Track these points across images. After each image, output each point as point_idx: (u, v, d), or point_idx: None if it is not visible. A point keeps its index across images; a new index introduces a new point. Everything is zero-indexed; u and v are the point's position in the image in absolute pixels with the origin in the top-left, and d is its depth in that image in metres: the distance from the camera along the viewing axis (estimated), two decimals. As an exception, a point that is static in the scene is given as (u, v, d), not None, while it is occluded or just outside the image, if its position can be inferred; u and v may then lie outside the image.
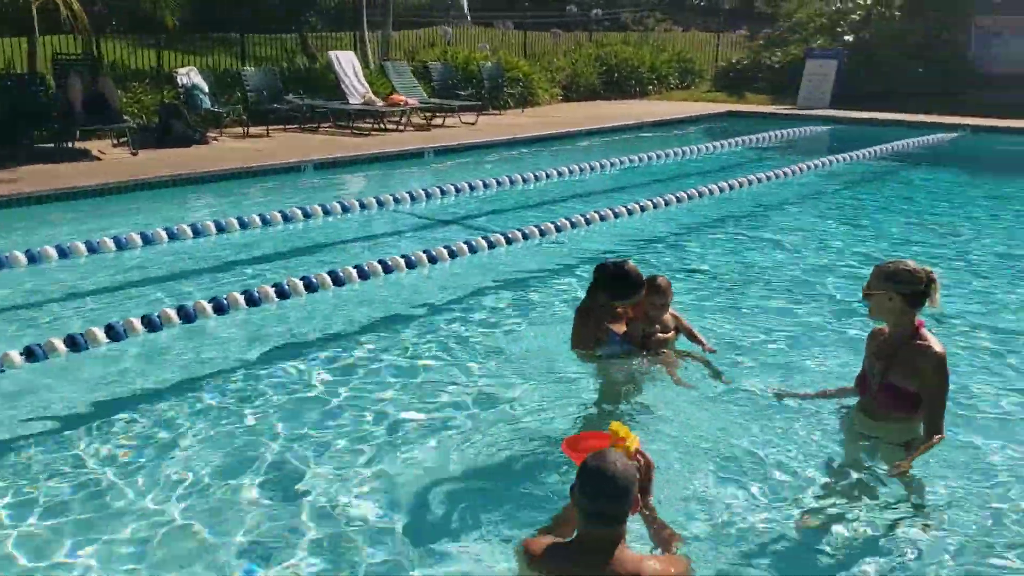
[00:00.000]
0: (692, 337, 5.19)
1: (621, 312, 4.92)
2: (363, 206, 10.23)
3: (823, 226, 10.03)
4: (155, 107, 14.09)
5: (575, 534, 2.71)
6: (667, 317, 5.03)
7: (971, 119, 18.33)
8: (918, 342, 3.86)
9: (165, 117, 13.27)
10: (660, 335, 4.96)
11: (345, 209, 10.08)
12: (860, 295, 4.05)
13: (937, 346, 3.85)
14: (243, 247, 8.69)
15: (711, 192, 11.10)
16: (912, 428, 3.92)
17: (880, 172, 13.79)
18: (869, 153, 14.48)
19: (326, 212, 9.89)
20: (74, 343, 5.62)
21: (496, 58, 20.83)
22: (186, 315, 6.24)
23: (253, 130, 14.89)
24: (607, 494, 2.57)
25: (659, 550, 3.00)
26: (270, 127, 15.12)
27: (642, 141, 16.50)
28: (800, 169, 12.88)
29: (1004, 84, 20.78)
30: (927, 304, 3.86)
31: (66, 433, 4.54)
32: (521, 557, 2.77)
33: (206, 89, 14.47)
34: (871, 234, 9.61)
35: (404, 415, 4.84)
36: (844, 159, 13.96)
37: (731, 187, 11.40)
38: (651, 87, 24.73)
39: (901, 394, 3.89)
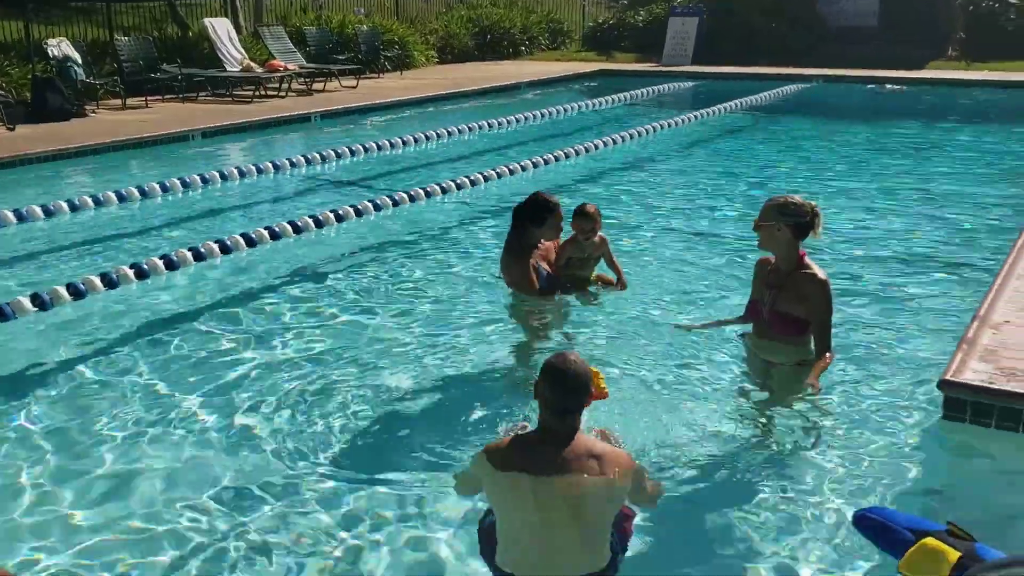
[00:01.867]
0: (611, 263, 5.69)
1: (542, 251, 5.39)
2: (260, 171, 10.36)
3: (702, 172, 10.80)
4: (24, 81, 13.61)
5: (537, 426, 3.01)
6: (597, 241, 5.51)
7: (821, 70, 19.66)
8: (804, 271, 4.24)
9: (40, 90, 12.87)
10: (580, 272, 5.50)
11: (243, 174, 10.20)
12: (744, 231, 4.46)
13: (821, 273, 4.24)
14: (143, 216, 8.74)
15: (596, 147, 11.68)
16: (801, 348, 4.39)
17: (747, 121, 14.74)
18: (736, 105, 15.44)
19: (223, 178, 10.00)
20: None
21: (371, 22, 20.85)
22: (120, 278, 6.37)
23: (131, 101, 14.60)
24: (568, 387, 2.90)
25: None
26: (148, 98, 14.86)
27: (523, 101, 17.00)
28: (678, 122, 13.69)
29: (849, 37, 22.30)
30: (811, 235, 4.29)
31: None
32: (482, 459, 2.98)
33: (79, 60, 14.06)
34: (745, 176, 10.44)
35: (335, 370, 5.06)
36: (714, 112, 14.85)
37: (612, 142, 12.03)
38: (523, 48, 25.22)
39: (790, 319, 4.28)
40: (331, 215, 8.09)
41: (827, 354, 4.26)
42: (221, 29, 16.57)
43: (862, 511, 3.04)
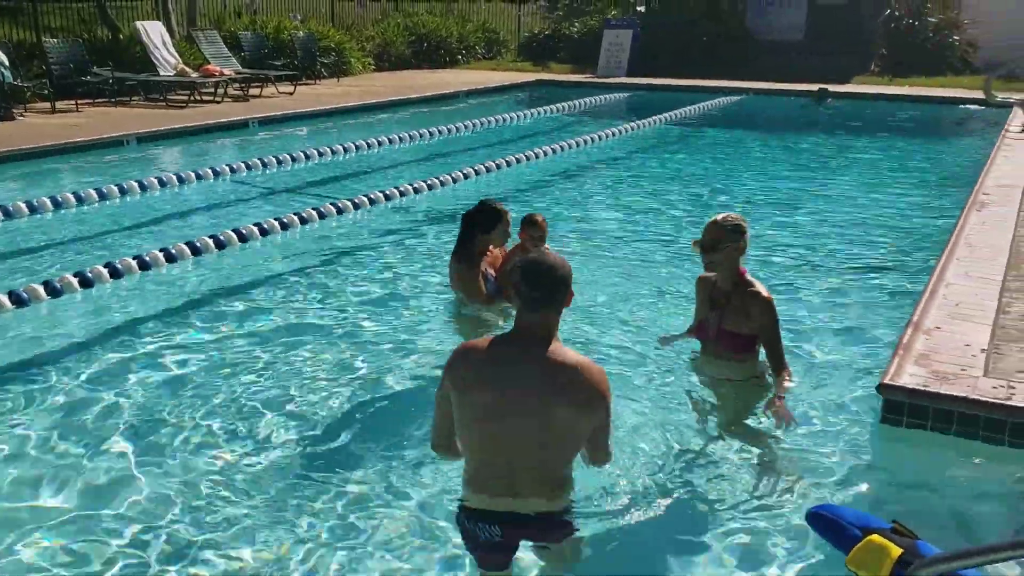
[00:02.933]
0: None
1: (490, 259, 5.48)
2: (199, 177, 10.23)
3: (638, 181, 10.99)
4: (-52, 82, 13.21)
5: (514, 325, 2.96)
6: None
7: (751, 83, 20.18)
8: (749, 289, 4.30)
9: (-35, 92, 12.51)
10: None
11: (181, 181, 10.06)
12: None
13: (764, 291, 4.31)
14: (81, 223, 8.57)
15: (536, 156, 11.79)
16: (749, 365, 4.44)
17: (681, 132, 15.04)
18: (670, 116, 15.73)
19: (162, 184, 9.85)
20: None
21: (307, 28, 20.72)
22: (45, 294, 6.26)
23: (60, 105, 14.25)
24: (546, 280, 2.87)
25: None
26: (78, 101, 14.53)
27: (462, 109, 17.08)
28: (615, 132, 13.91)
29: (777, 51, 22.93)
30: None
31: None
32: (456, 358, 2.95)
33: (6, 62, 13.67)
34: (681, 185, 10.67)
35: (276, 380, 5.03)
36: (649, 123, 15.08)
37: (552, 151, 12.15)
38: (460, 57, 25.32)
39: (737, 337, 4.36)
40: (275, 223, 8.04)
41: (784, 372, 4.30)
42: (154, 32, 16.28)
43: (815, 509, 3.17)
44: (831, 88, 19.47)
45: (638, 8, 25.12)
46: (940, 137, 15.73)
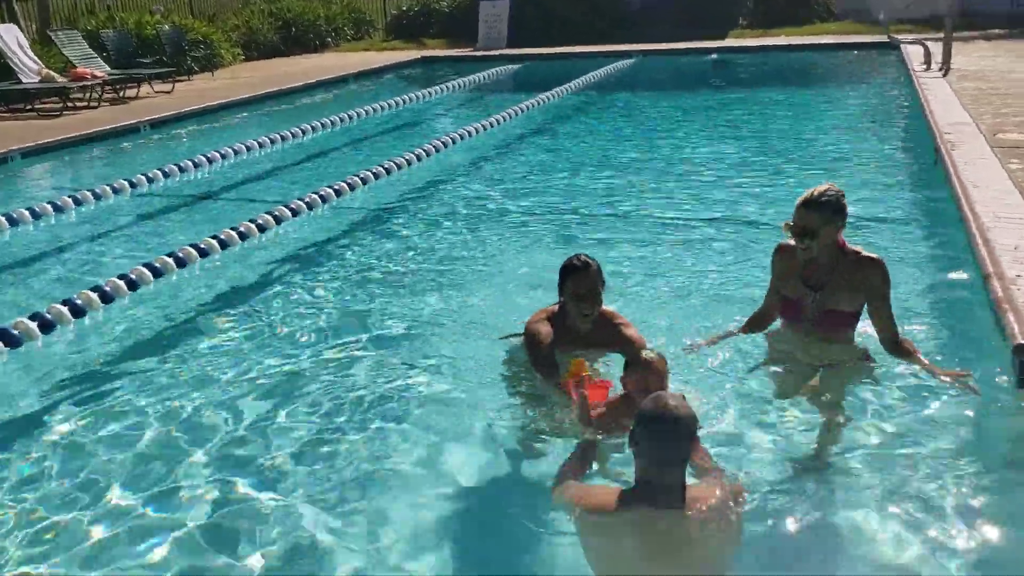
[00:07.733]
0: None
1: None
2: (97, 196, 8.87)
3: (560, 152, 10.46)
4: None
5: (638, 478, 2.70)
6: None
7: (639, 45, 20.00)
8: (853, 258, 3.88)
9: None
10: None
11: (79, 203, 8.74)
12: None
13: (875, 256, 3.92)
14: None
15: (452, 142, 10.96)
16: (853, 346, 4.04)
17: (591, 99, 14.64)
18: (574, 85, 15.21)
19: (57, 209, 8.52)
20: None
21: (170, 21, 19.23)
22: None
23: (-90, 123, 12.64)
24: (671, 435, 2.61)
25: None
26: (-71, 118, 12.94)
27: (352, 93, 16.21)
28: (528, 106, 13.28)
29: (649, 12, 22.95)
30: None
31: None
32: (573, 506, 2.84)
33: None
34: (602, 154, 10.19)
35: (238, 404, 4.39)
36: (554, 95, 14.36)
37: (477, 130, 11.46)
38: (329, 40, 24.26)
39: (843, 316, 3.95)
40: (214, 242, 6.98)
41: (908, 343, 3.97)
42: (9, 36, 14.58)
43: None
44: (717, 44, 19.60)
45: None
46: (850, 82, 15.82)
